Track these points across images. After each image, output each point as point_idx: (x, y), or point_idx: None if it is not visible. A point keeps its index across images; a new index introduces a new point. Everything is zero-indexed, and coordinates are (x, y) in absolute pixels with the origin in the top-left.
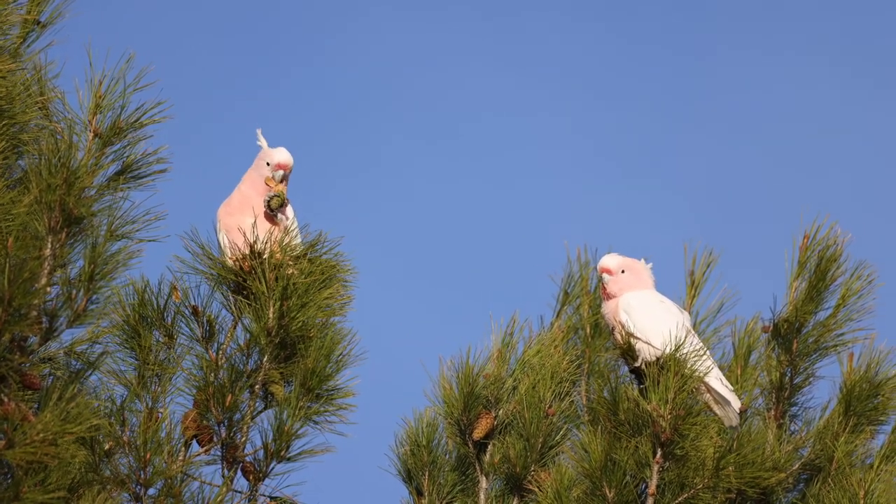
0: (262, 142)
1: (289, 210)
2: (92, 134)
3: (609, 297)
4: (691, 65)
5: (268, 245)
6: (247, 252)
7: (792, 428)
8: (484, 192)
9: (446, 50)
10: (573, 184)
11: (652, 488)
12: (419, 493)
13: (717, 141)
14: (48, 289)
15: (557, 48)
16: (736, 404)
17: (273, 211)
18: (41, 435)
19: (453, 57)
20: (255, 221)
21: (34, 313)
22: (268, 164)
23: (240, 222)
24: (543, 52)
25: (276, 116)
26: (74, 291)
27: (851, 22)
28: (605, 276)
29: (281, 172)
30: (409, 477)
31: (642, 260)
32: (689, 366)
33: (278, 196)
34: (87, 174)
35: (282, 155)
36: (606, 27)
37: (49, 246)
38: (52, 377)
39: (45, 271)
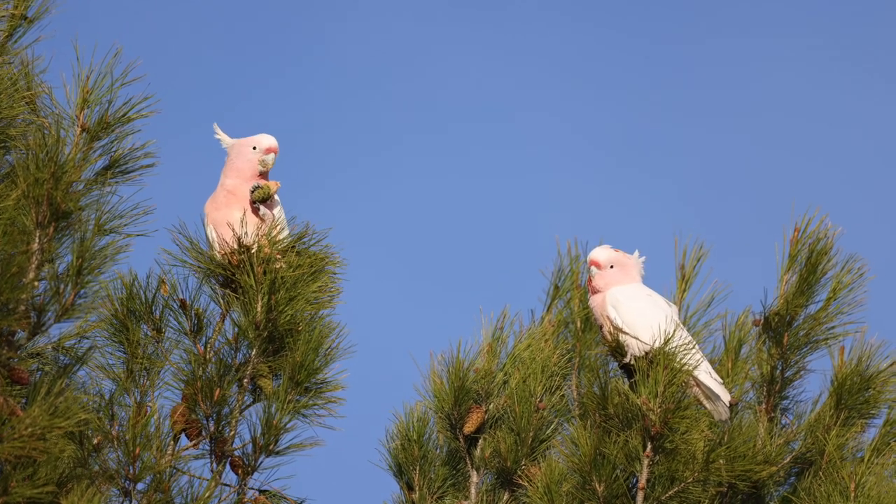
0: (222, 136)
1: (277, 209)
2: (79, 129)
3: (594, 290)
4: (682, 55)
5: (256, 239)
6: (235, 246)
7: (783, 421)
8: (474, 185)
9: (432, 44)
10: (563, 177)
11: (642, 482)
12: (410, 488)
13: (708, 133)
14: (36, 283)
15: (544, 40)
16: (725, 398)
17: (255, 203)
18: (29, 430)
19: (439, 50)
20: (243, 215)
21: (22, 308)
22: (254, 148)
23: (227, 217)
24: (532, 43)
25: (265, 111)
26: (62, 286)
27: (844, 11)
28: (593, 268)
29: (272, 156)
30: (399, 471)
31: (635, 253)
32: (678, 360)
33: (261, 188)
34: (74, 169)
35: (269, 139)
36: (594, 16)
37: (37, 240)
38: (40, 372)
39: (33, 266)
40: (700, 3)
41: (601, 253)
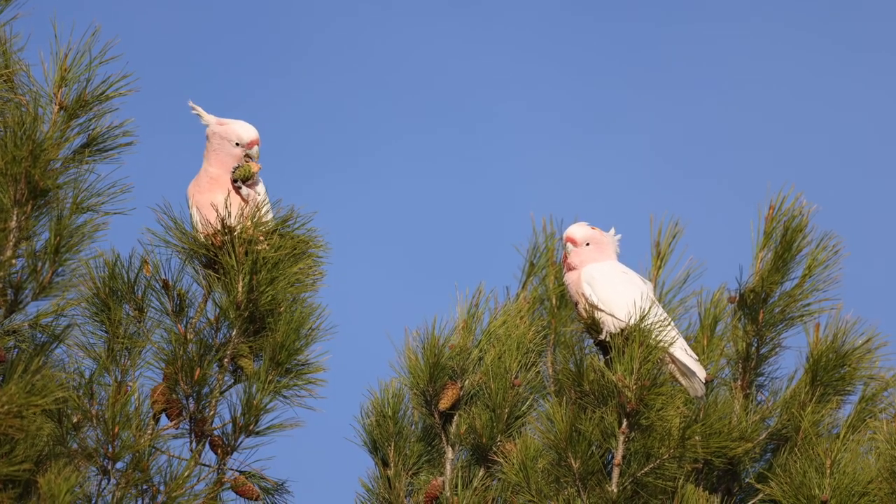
0: (199, 110)
1: (259, 186)
2: (57, 107)
3: (570, 268)
4: (657, 32)
5: (240, 220)
6: (219, 227)
7: (758, 398)
8: (449, 163)
9: (404, 26)
10: (538, 155)
11: (618, 458)
12: (385, 464)
13: (682, 110)
14: (13, 261)
15: (518, 14)
16: (701, 374)
17: (236, 182)
18: (6, 407)
19: (422, 36)
20: (227, 197)
21: None
22: (237, 144)
23: (211, 199)
24: (500, 29)
25: (263, 105)
26: (40, 264)
27: None
28: (568, 245)
29: (256, 148)
30: (374, 448)
31: (611, 230)
32: (653, 336)
33: (241, 167)
34: (52, 147)
35: (250, 132)
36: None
37: (14, 218)
38: (17, 350)
39: (11, 243)
40: None
41: (577, 230)
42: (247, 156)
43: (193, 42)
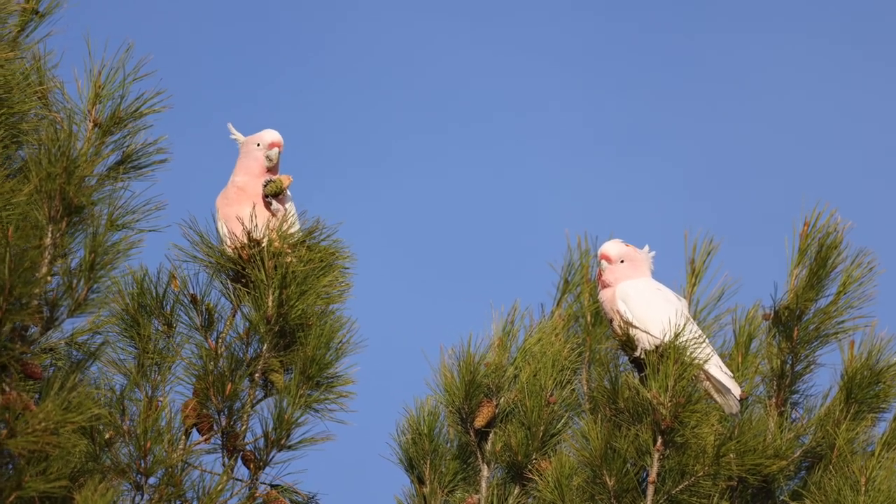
0: (237, 135)
1: (289, 204)
2: (91, 123)
3: (605, 285)
4: (690, 47)
5: (266, 233)
6: (245, 241)
7: (793, 415)
8: (484, 179)
9: (442, 38)
10: (572, 172)
11: (652, 476)
12: (421, 482)
13: (717, 126)
14: (49, 278)
15: (556, 35)
16: (736, 392)
17: (268, 197)
18: (42, 424)
19: (449, 45)
20: (253, 209)
21: (35, 303)
22: (258, 145)
23: (238, 212)
24: (534, 36)
25: (275, 107)
26: (75, 281)
27: (851, 4)
28: (603, 262)
29: (276, 150)
30: (410, 465)
31: (645, 248)
32: (688, 354)
33: (273, 182)
34: (86, 163)
35: (272, 134)
36: (598, 6)
37: (49, 235)
38: (53, 367)
39: (46, 261)
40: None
41: (612, 247)
42: (267, 157)
43: (198, 42)
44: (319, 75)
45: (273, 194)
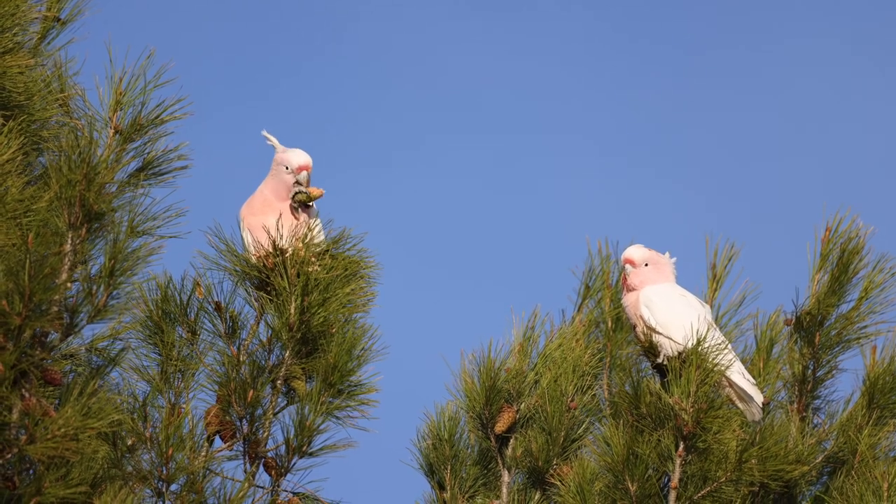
0: (273, 141)
1: (316, 220)
2: (112, 130)
3: (629, 289)
4: (707, 57)
5: (291, 242)
6: (270, 249)
7: (815, 421)
8: (505, 185)
9: (462, 42)
10: (592, 177)
11: (674, 482)
12: (441, 487)
13: (738, 132)
14: (69, 285)
15: (563, 39)
16: (758, 398)
17: (297, 204)
18: (62, 430)
19: (468, 49)
20: (279, 219)
21: (55, 309)
22: (286, 168)
23: (263, 221)
24: (552, 43)
25: (292, 111)
26: (95, 287)
27: (870, 13)
28: (627, 266)
29: (305, 174)
30: (431, 471)
31: (667, 254)
32: (710, 360)
33: (303, 192)
34: (107, 170)
35: (300, 157)
36: (614, 17)
37: (69, 242)
38: (73, 373)
39: (66, 267)
40: (722, 7)
41: (636, 251)
42: (297, 182)
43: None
44: (329, 73)
45: (301, 204)
